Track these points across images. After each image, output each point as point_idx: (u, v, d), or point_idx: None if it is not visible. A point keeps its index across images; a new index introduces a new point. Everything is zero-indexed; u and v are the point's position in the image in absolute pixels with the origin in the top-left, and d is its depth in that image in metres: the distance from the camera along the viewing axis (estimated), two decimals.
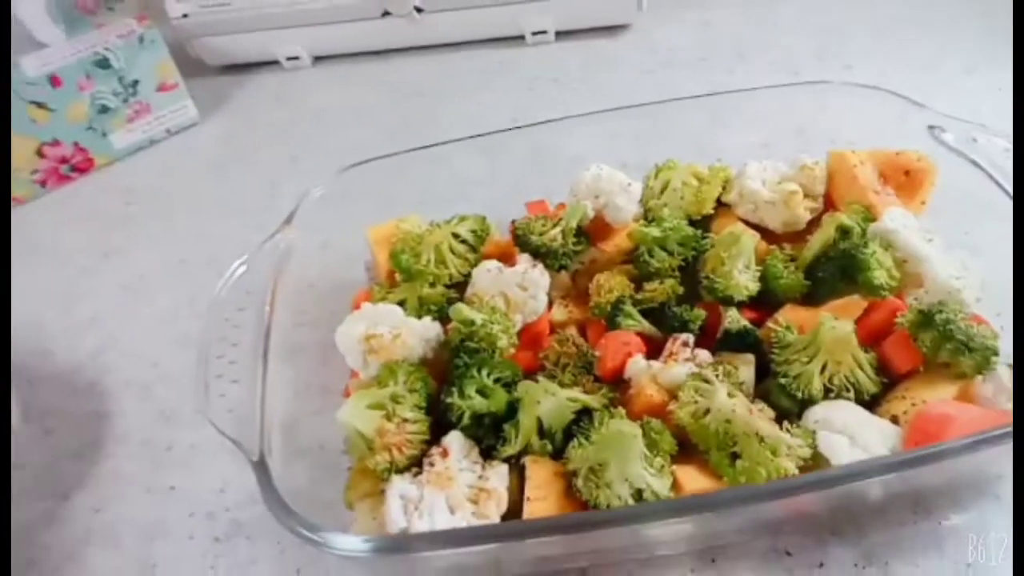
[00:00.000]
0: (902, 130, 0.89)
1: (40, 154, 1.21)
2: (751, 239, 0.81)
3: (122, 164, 1.31)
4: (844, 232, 0.81)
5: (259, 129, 1.37)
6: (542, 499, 0.64)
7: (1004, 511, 0.69)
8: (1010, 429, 0.57)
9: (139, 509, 0.81)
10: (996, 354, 0.67)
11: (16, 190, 1.21)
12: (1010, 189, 0.78)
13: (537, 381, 0.72)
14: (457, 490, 0.65)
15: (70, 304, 1.06)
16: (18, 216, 1.21)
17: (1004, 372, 0.67)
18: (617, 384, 0.75)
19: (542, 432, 0.69)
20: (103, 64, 1.22)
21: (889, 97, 0.91)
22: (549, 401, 0.68)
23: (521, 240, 0.86)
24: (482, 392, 0.71)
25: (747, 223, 0.88)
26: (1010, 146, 0.81)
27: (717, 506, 0.57)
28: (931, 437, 0.61)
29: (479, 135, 1.00)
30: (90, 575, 0.77)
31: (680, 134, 1.03)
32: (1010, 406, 0.66)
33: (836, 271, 0.78)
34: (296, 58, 1.47)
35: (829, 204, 0.88)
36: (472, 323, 0.76)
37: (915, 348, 0.69)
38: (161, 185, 1.27)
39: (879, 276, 0.74)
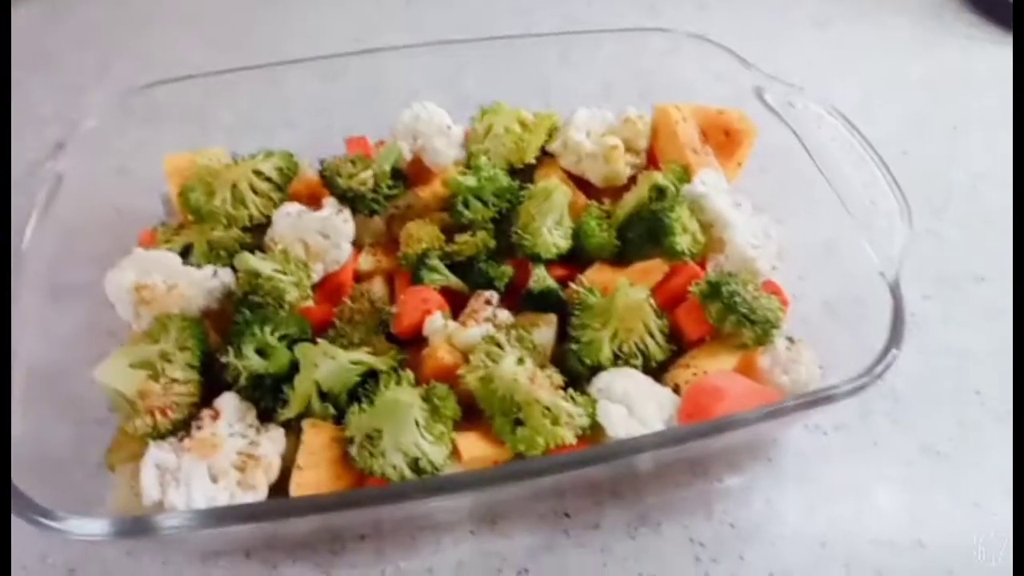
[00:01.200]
0: (733, 86, 0.88)
1: None
2: (563, 195, 0.78)
3: None
4: (660, 191, 0.79)
5: (70, 26, 1.22)
6: (312, 467, 0.62)
7: (773, 473, 0.72)
8: (775, 407, 0.59)
9: None
10: (776, 327, 0.69)
11: None
12: (818, 159, 0.79)
13: (327, 338, 0.69)
14: (223, 457, 0.61)
15: None
16: None
17: (782, 345, 0.69)
18: (416, 342, 0.73)
19: (325, 395, 0.66)
20: None
21: (721, 51, 0.89)
22: (328, 364, 0.65)
23: (328, 182, 0.80)
24: (262, 351, 0.66)
25: (570, 175, 0.86)
26: (825, 113, 0.81)
27: (471, 486, 0.56)
28: (702, 409, 0.62)
29: (310, 59, 0.92)
30: None
31: (526, 70, 0.99)
32: (785, 379, 0.68)
33: (645, 233, 0.77)
34: None
35: (652, 160, 0.87)
36: (258, 274, 0.70)
37: (704, 317, 0.70)
38: None
39: (681, 242, 0.74)
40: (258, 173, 0.81)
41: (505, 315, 0.72)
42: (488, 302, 0.73)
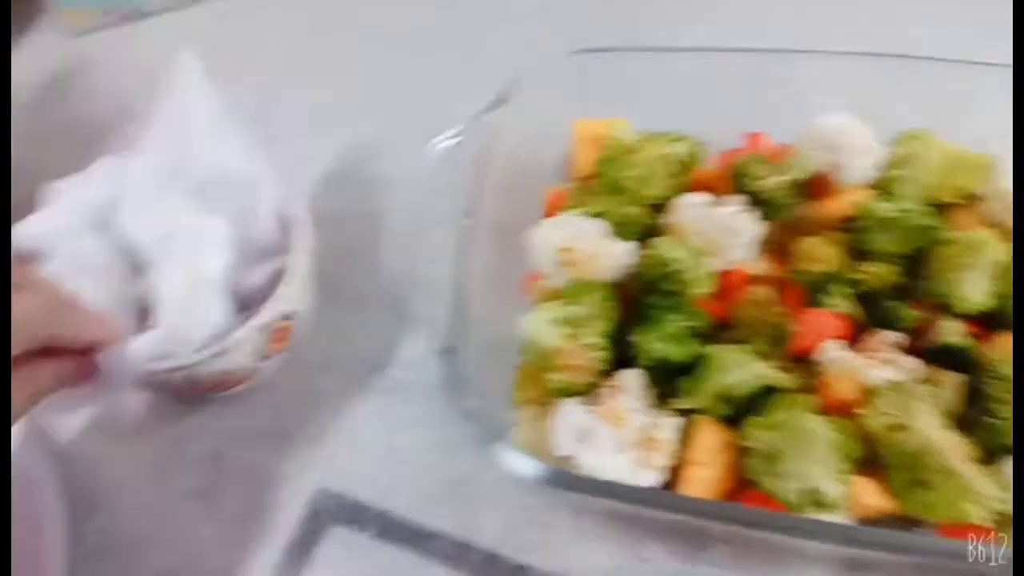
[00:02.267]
0: None
1: None
2: (997, 251, 0.72)
3: None
4: None
5: None
6: (706, 465, 0.64)
7: None
8: None
9: (310, 347, 0.85)
10: None
11: None
12: None
13: (725, 333, 0.71)
14: (628, 432, 0.65)
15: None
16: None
17: None
18: (807, 363, 0.71)
19: (725, 398, 0.67)
20: None
21: None
22: (738, 372, 0.66)
23: (738, 180, 0.80)
24: (670, 338, 0.69)
25: (991, 222, 0.79)
26: None
27: (883, 546, 0.55)
28: None
29: (708, 48, 0.91)
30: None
31: (932, 95, 0.90)
32: None
33: None
34: None
35: None
36: (671, 262, 0.72)
37: None
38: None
39: None
40: (666, 155, 0.82)
41: (911, 363, 0.69)
42: (893, 345, 0.70)
